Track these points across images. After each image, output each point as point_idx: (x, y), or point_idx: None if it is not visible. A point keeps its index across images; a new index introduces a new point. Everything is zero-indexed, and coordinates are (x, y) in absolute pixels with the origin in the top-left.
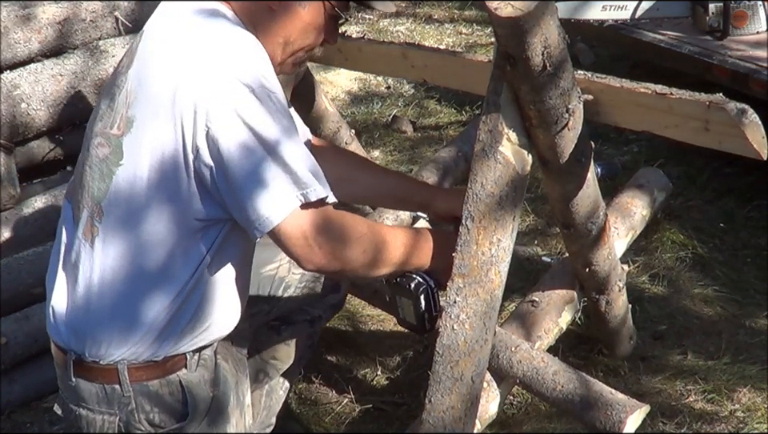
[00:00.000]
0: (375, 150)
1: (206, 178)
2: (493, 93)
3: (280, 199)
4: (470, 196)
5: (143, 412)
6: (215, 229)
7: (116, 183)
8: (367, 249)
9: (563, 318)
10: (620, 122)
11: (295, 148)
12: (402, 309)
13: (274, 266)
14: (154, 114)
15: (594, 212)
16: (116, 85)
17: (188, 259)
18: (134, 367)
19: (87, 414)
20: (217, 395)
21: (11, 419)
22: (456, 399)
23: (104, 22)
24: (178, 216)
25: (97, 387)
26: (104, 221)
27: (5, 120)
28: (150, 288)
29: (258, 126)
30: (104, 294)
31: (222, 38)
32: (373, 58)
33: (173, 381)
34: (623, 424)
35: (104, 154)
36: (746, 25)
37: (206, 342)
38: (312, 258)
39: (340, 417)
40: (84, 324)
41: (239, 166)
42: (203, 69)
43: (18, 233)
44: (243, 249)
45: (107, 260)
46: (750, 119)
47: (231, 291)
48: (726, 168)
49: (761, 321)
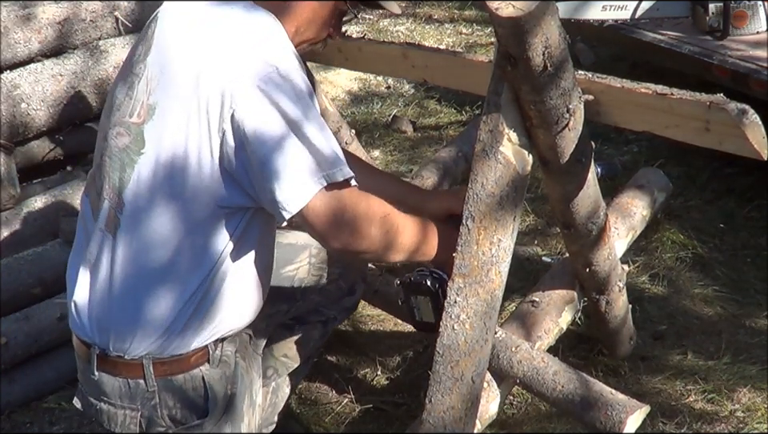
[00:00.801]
0: (375, 150)
1: (231, 162)
2: (493, 93)
3: (306, 180)
4: (470, 196)
5: (166, 407)
6: (237, 217)
7: (138, 173)
8: (390, 230)
9: (563, 318)
10: (620, 122)
11: (319, 129)
12: (418, 310)
13: (294, 267)
14: (177, 100)
15: (595, 212)
16: (134, 73)
17: (212, 248)
18: (158, 361)
19: (109, 409)
20: (234, 393)
21: (11, 419)
22: (456, 400)
23: (104, 22)
24: (201, 204)
25: (120, 381)
26: (126, 212)
27: (5, 120)
28: (177, 279)
29: (282, 107)
30: (128, 286)
31: (244, 21)
32: (373, 58)
33: (196, 376)
34: (623, 424)
35: (124, 144)
36: (746, 25)
37: (227, 331)
38: (339, 236)
39: (340, 417)
40: (108, 318)
41: (265, 146)
42: (226, 52)
43: (17, 233)
44: (265, 237)
45: (130, 252)
46: (750, 119)
47: (254, 279)
48: (726, 168)
49: (761, 321)
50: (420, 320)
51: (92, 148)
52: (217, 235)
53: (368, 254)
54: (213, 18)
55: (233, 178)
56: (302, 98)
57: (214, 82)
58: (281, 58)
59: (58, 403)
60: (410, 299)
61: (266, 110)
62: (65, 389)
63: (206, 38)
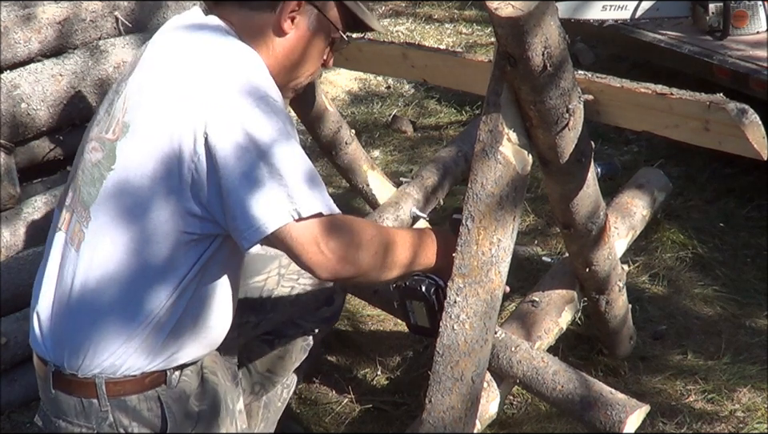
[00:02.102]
0: (375, 150)
1: (202, 187)
2: (493, 93)
3: (273, 211)
4: (470, 196)
5: (121, 426)
6: (204, 244)
7: (105, 188)
8: (378, 251)
9: (563, 318)
10: (620, 122)
11: (293, 161)
12: (413, 314)
13: (263, 277)
14: (150, 121)
15: (595, 212)
16: (116, 91)
17: (173, 272)
18: (111, 381)
19: (66, 426)
20: (204, 409)
21: (11, 419)
22: (456, 399)
23: (104, 22)
24: (165, 227)
25: (75, 400)
26: (90, 226)
27: (5, 120)
28: (132, 299)
29: (256, 136)
30: (84, 301)
31: (224, 50)
32: (373, 58)
33: (151, 397)
34: (623, 424)
35: (96, 159)
36: (746, 25)
37: (185, 360)
38: (326, 265)
39: (340, 417)
40: (64, 333)
41: (234, 173)
42: (204, 78)
43: (17, 233)
44: (232, 264)
45: (91, 267)
46: (750, 119)
47: (216, 307)
48: (726, 168)
49: (761, 321)
50: (415, 324)
51: None
52: (178, 260)
53: (360, 278)
54: (195, 45)
55: (201, 203)
56: (278, 129)
57: (188, 106)
58: (258, 87)
59: None
60: (405, 303)
61: (239, 139)
62: None
63: (185, 63)
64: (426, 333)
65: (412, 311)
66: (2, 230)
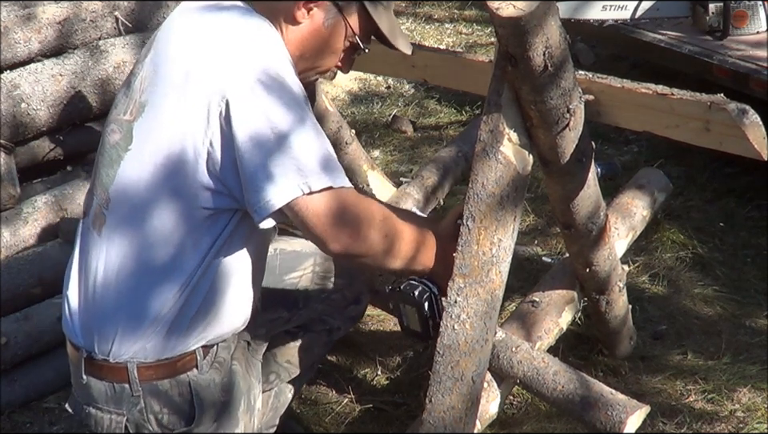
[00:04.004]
0: (375, 150)
1: (217, 162)
2: (494, 93)
3: (282, 185)
4: (470, 196)
5: (152, 412)
6: (223, 219)
7: (123, 168)
8: (388, 235)
9: (563, 318)
10: (621, 122)
11: (306, 137)
12: (406, 317)
13: (298, 274)
14: (166, 99)
15: (595, 212)
16: (133, 73)
17: (195, 249)
18: (143, 366)
19: (96, 413)
20: (228, 400)
21: (11, 419)
22: (456, 399)
23: (104, 22)
24: (184, 204)
25: (106, 385)
26: (111, 208)
27: (5, 120)
28: (156, 280)
29: (273, 110)
30: (109, 285)
31: (240, 24)
32: (373, 58)
33: (182, 382)
34: (623, 425)
35: (115, 141)
36: (746, 25)
37: (214, 337)
38: (338, 238)
39: (340, 417)
40: (92, 318)
41: (248, 147)
42: (219, 54)
43: (18, 233)
44: (254, 242)
45: (113, 250)
46: (750, 120)
47: (240, 285)
48: (726, 168)
49: (761, 321)
50: (407, 327)
51: (92, 148)
52: (199, 237)
53: (368, 258)
54: (209, 21)
55: (218, 179)
56: (295, 102)
57: (205, 82)
58: (274, 61)
59: (58, 403)
60: (399, 306)
61: (256, 112)
62: (65, 389)
63: (201, 40)
64: (417, 336)
65: (405, 315)
66: (2, 230)
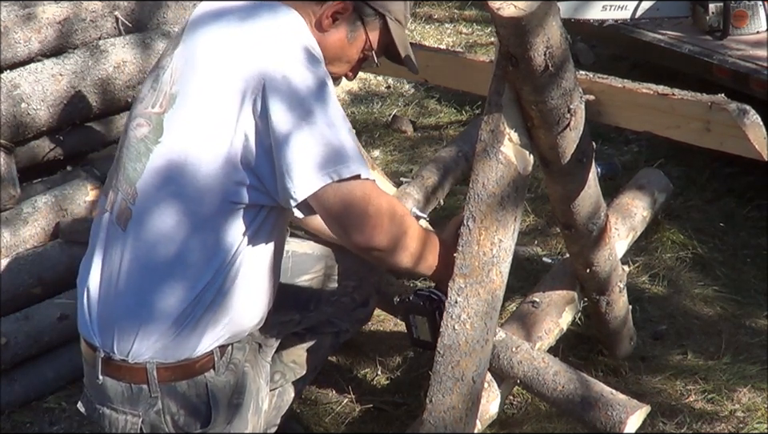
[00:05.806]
0: (375, 150)
1: (251, 152)
2: (495, 93)
3: (316, 171)
4: (471, 196)
5: (169, 413)
6: (249, 215)
7: (152, 162)
8: (400, 227)
9: (564, 318)
10: (622, 122)
11: (338, 126)
12: (416, 328)
13: (309, 277)
14: (199, 90)
15: (595, 213)
16: (160, 66)
17: (222, 245)
18: (162, 366)
19: (111, 413)
20: (240, 402)
21: (11, 419)
22: (457, 399)
23: (104, 22)
24: (214, 199)
25: (123, 386)
26: (138, 203)
27: (5, 120)
28: (182, 276)
29: (305, 99)
30: (132, 282)
31: (269, 17)
32: None
33: (200, 383)
34: (624, 425)
35: (143, 134)
36: (746, 25)
37: (231, 336)
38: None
39: (340, 417)
40: (112, 315)
41: (283, 134)
42: (251, 45)
43: (17, 233)
44: (274, 240)
45: (138, 246)
46: (751, 120)
47: (260, 282)
48: (726, 168)
49: (761, 321)
50: (417, 338)
51: (92, 148)
52: (228, 232)
53: (380, 250)
54: (239, 15)
55: (251, 170)
56: (326, 92)
57: (240, 70)
58: (307, 50)
59: (58, 403)
60: (408, 317)
61: (292, 100)
62: (65, 389)
63: (232, 33)
64: (427, 346)
65: (415, 325)
66: (2, 230)
